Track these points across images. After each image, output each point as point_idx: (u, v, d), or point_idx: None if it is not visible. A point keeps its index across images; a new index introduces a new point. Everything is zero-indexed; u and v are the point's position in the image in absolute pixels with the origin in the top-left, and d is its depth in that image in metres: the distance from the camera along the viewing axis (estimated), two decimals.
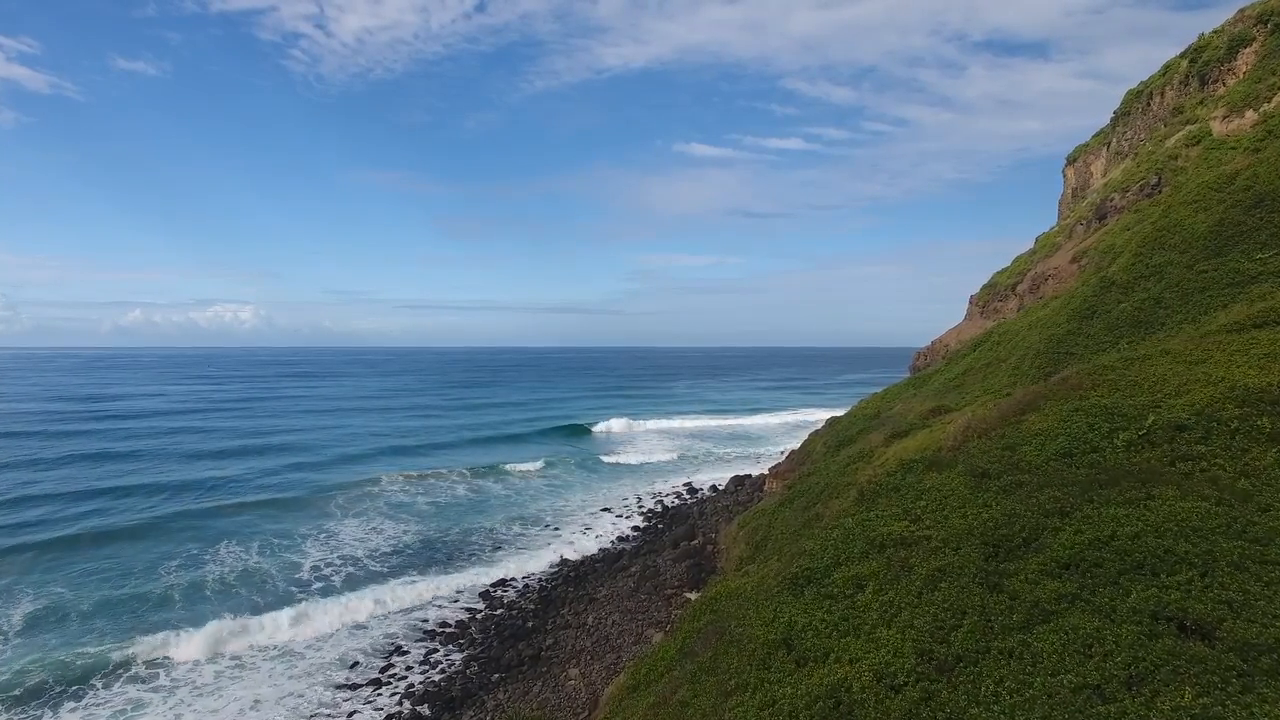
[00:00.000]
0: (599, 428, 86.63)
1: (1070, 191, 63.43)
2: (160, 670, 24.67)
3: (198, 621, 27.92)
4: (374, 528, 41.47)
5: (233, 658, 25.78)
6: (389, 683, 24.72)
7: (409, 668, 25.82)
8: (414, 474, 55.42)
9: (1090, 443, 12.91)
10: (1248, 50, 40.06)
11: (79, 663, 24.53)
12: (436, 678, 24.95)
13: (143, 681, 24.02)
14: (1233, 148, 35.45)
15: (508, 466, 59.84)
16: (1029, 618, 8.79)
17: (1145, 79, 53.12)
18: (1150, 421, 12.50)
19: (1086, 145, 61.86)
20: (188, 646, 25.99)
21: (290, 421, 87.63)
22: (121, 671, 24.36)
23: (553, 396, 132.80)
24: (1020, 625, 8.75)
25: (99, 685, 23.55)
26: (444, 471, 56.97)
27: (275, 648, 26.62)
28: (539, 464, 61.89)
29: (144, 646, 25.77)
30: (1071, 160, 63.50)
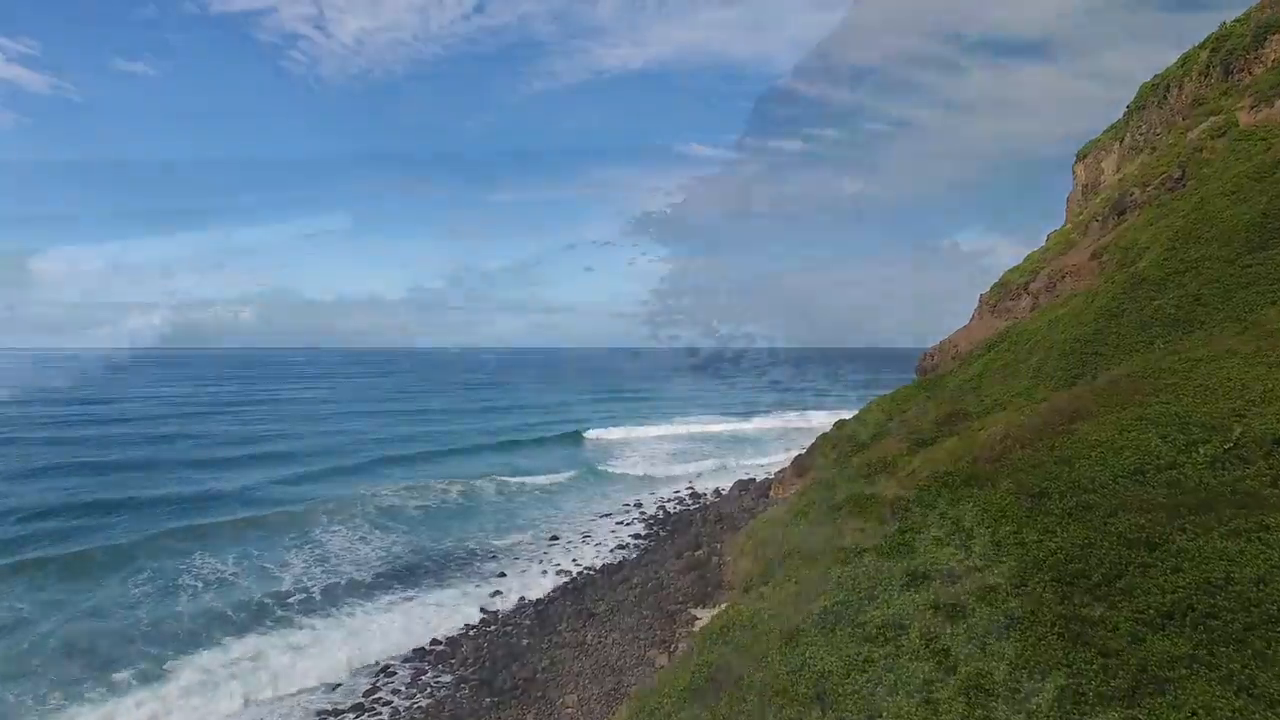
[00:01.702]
0: (598, 431, 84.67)
1: (1080, 188, 61.46)
2: (122, 697, 22.62)
3: (166, 644, 26.07)
4: (362, 538, 39.57)
5: (199, 683, 23.56)
6: (373, 709, 23.01)
7: (395, 690, 24.12)
8: (406, 480, 53.52)
9: (1165, 458, 11.15)
10: (1276, 37, 38.25)
11: (30, 706, 22.41)
12: (424, 702, 23.25)
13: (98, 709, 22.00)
14: (1262, 139, 33.70)
15: (503, 473, 57.97)
16: (1134, 684, 7.01)
17: (1160, 71, 51.31)
18: (1238, 433, 10.76)
19: (1097, 140, 59.87)
20: (154, 679, 23.97)
21: (283, 426, 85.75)
22: (80, 704, 22.26)
23: (552, 399, 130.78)
24: (1124, 694, 6.97)
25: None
26: (437, 478, 55.09)
27: (250, 670, 24.67)
28: (536, 469, 60.06)
29: (107, 677, 23.75)
30: (1081, 156, 61.49)
